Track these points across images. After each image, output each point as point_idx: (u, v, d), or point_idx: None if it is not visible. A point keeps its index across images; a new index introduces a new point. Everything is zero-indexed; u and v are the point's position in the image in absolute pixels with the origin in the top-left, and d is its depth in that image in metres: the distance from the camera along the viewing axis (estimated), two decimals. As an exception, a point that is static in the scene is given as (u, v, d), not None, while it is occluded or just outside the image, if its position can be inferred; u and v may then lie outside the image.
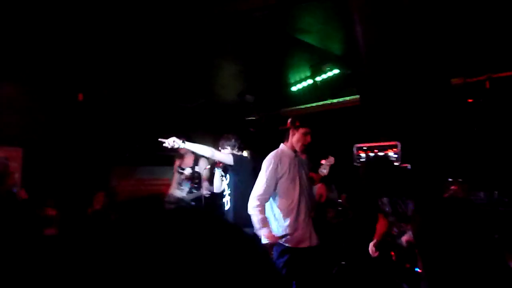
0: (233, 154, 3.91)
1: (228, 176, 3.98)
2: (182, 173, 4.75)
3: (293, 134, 3.25)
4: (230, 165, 3.85)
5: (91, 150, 5.61)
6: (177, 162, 4.85)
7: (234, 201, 3.85)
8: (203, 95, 6.48)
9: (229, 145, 4.03)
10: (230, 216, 3.82)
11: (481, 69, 4.35)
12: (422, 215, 1.39)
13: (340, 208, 4.89)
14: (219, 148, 4.04)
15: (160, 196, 4.99)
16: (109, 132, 5.76)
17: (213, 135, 7.33)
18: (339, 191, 5.20)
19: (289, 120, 3.30)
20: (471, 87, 4.38)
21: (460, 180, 3.80)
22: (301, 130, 3.20)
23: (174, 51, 5.18)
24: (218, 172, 4.08)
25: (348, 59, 5.46)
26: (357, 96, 5.74)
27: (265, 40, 5.18)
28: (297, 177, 3.20)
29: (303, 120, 3.22)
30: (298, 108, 6.54)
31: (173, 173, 4.89)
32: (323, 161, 3.62)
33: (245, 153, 4.37)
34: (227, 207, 3.93)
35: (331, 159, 3.59)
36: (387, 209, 3.32)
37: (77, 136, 5.46)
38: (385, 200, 3.29)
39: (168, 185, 5.02)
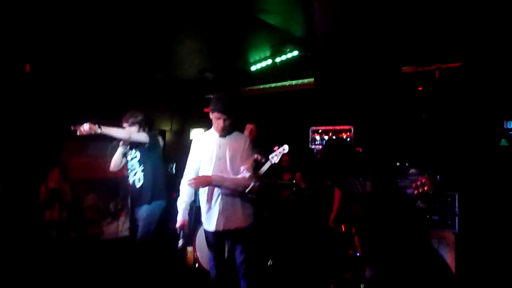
0: (148, 133, 3.97)
1: (136, 153, 4.00)
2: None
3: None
4: (143, 143, 3.91)
5: (40, 124, 5.36)
6: None
7: (149, 178, 3.92)
8: (162, 70, 6.32)
9: (136, 122, 3.99)
10: (147, 192, 3.91)
11: (432, 59, 4.55)
12: (364, 205, 1.49)
13: (294, 188, 5.02)
14: (123, 124, 3.98)
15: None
16: (60, 106, 5.51)
17: (171, 111, 7.26)
18: (294, 170, 5.33)
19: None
20: (422, 76, 4.57)
21: (427, 171, 3.98)
22: (212, 115, 3.10)
23: (133, 24, 4.99)
24: (121, 149, 4.03)
25: (308, 42, 5.51)
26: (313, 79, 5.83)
27: (227, 17, 5.11)
28: (213, 158, 3.14)
29: (216, 105, 3.04)
30: (257, 88, 6.55)
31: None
32: (275, 148, 3.71)
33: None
34: (139, 183, 3.95)
35: (285, 147, 3.67)
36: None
37: (26, 109, 5.18)
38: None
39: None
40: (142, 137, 3.90)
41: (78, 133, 3.43)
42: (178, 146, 7.10)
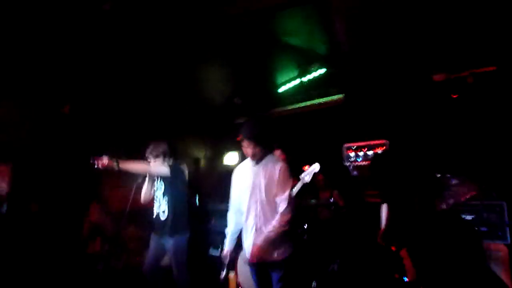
0: (168, 165, 3.89)
1: (161, 185, 3.96)
2: None
3: None
4: (166, 176, 3.86)
5: (80, 160, 5.57)
6: None
7: (173, 210, 3.88)
8: (191, 99, 6.47)
9: (160, 154, 3.91)
10: (169, 225, 3.85)
11: (464, 64, 4.44)
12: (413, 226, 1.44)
13: (333, 207, 4.94)
14: (147, 157, 3.91)
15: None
16: (97, 141, 5.72)
17: (202, 139, 7.38)
18: (331, 189, 5.25)
19: None
20: (454, 83, 4.46)
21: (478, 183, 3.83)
22: (242, 143, 3.02)
23: (161, 56, 5.17)
24: (148, 181, 3.97)
25: (333, 59, 5.51)
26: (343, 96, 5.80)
27: (252, 42, 5.21)
28: (249, 187, 3.07)
29: (243, 132, 2.99)
30: (286, 109, 6.58)
31: None
32: (305, 168, 3.62)
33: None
34: (163, 216, 3.90)
35: (316, 166, 3.57)
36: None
37: (65, 147, 5.41)
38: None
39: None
40: (162, 170, 3.85)
41: (96, 167, 3.47)
42: (213, 172, 7.18)
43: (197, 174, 7.08)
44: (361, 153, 4.92)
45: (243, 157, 3.37)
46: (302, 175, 3.77)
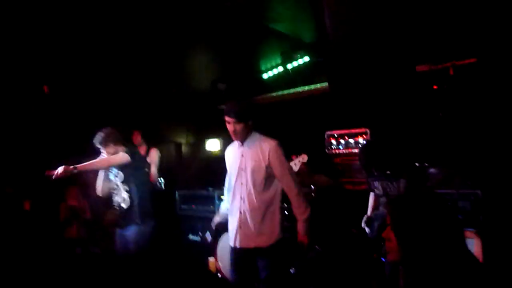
0: (127, 152, 3.69)
1: (118, 173, 3.76)
2: None
3: None
4: (127, 164, 3.67)
5: (60, 143, 5.47)
6: None
7: (139, 197, 3.71)
8: (175, 84, 6.40)
9: (113, 142, 3.67)
10: (136, 212, 3.68)
11: (446, 56, 4.49)
12: (392, 205, 1.48)
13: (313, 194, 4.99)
14: (101, 148, 3.67)
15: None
16: (78, 124, 5.61)
17: (184, 124, 7.33)
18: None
19: None
20: (436, 74, 4.52)
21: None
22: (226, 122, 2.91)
23: (144, 40, 5.09)
24: (102, 173, 3.76)
25: (319, 47, 5.52)
26: (327, 84, 5.82)
27: (236, 28, 5.17)
28: (236, 169, 2.98)
29: (225, 110, 2.87)
30: (270, 96, 6.57)
31: None
32: (294, 157, 3.68)
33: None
34: (126, 204, 3.71)
35: (304, 157, 3.61)
36: (377, 191, 3.50)
37: (45, 129, 5.30)
38: (376, 183, 3.48)
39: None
40: (124, 159, 3.63)
41: (53, 177, 3.24)
42: (195, 158, 7.15)
43: (179, 160, 7.05)
44: (342, 141, 4.97)
45: (225, 144, 3.33)
46: (290, 163, 3.77)
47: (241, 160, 2.95)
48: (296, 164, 3.76)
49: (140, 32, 4.88)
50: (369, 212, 3.73)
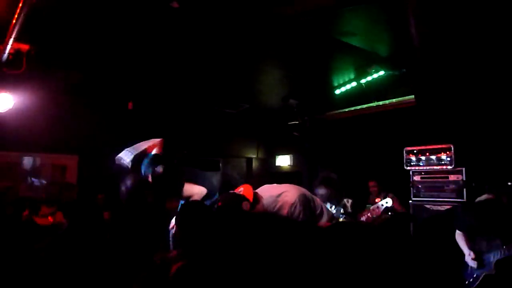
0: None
1: None
2: None
3: None
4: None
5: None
6: None
7: None
8: (246, 100, 6.53)
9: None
10: None
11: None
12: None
13: (390, 213, 4.75)
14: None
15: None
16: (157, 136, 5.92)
17: (256, 140, 7.41)
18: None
19: None
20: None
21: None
22: None
23: (218, 57, 5.25)
24: None
25: (395, 60, 5.31)
26: (403, 98, 5.56)
27: (309, 44, 5.14)
28: None
29: None
30: (342, 111, 6.45)
31: None
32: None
33: None
34: None
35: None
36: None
37: (128, 142, 5.66)
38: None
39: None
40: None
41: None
42: (265, 173, 7.20)
43: (249, 174, 7.13)
44: (423, 157, 4.69)
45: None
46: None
47: None
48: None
49: (214, 49, 5.04)
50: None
